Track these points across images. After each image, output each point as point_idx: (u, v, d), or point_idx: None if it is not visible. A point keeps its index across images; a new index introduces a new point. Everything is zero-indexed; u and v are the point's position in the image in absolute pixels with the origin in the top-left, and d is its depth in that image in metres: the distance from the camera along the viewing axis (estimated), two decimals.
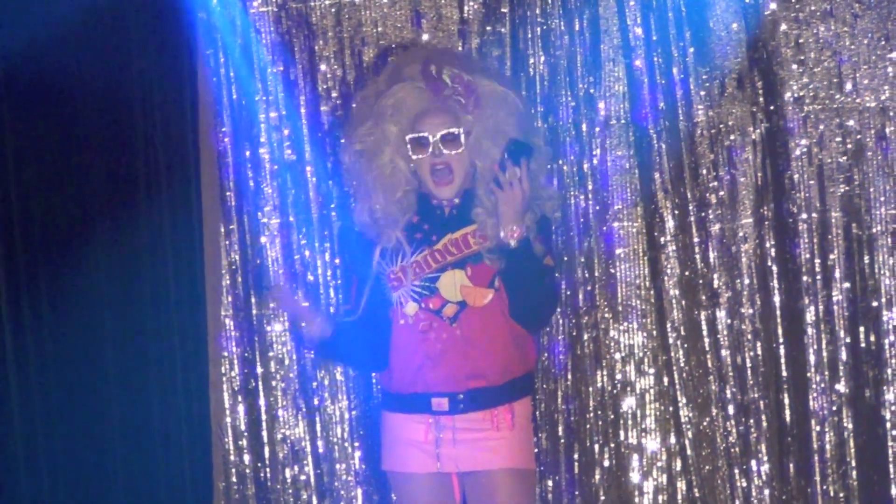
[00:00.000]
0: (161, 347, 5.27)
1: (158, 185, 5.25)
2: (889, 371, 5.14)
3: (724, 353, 5.18)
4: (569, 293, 5.20)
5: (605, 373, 5.23)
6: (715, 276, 5.19)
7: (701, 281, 5.18)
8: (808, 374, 5.16)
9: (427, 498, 3.97)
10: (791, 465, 5.17)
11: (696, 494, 5.18)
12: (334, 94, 5.22)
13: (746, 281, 5.18)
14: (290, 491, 5.30)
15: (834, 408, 5.16)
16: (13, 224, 5.20)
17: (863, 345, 5.15)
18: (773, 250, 5.17)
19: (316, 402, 5.28)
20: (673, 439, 5.22)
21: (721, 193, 5.18)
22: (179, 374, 5.27)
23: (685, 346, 5.18)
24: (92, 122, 5.22)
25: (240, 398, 5.28)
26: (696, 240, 5.17)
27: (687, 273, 5.18)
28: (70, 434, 5.26)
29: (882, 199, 5.14)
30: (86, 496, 5.26)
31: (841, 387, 5.16)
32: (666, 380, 5.21)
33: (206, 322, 5.27)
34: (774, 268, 5.17)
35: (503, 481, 3.91)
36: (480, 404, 3.90)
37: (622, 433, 5.24)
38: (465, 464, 3.91)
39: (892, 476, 5.15)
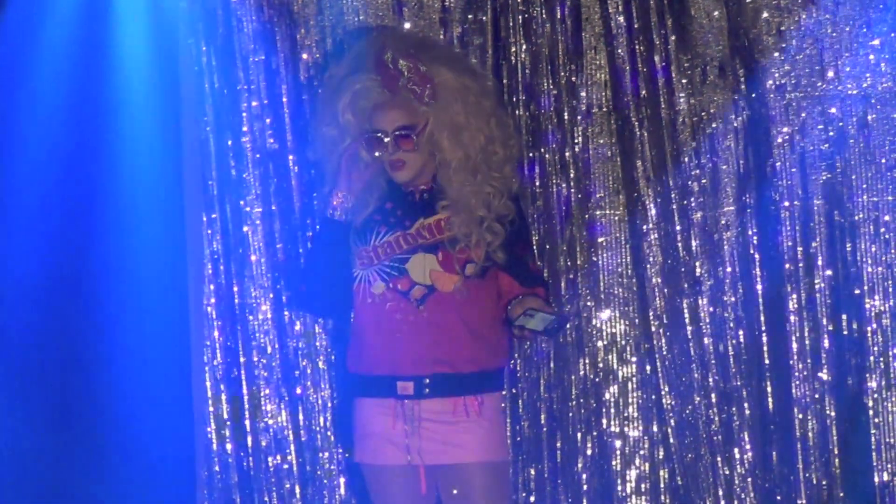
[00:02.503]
0: (143, 335, 5.27)
1: (140, 173, 5.25)
2: (871, 359, 5.14)
3: (706, 340, 5.18)
4: (551, 281, 5.20)
5: (587, 361, 5.23)
6: (697, 263, 5.19)
7: (683, 269, 5.18)
8: (791, 362, 5.16)
9: (398, 490, 3.97)
10: (774, 453, 5.17)
11: (679, 482, 5.18)
12: (316, 83, 5.21)
13: (729, 269, 5.18)
14: (273, 479, 5.29)
15: (816, 395, 5.16)
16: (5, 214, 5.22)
17: (845, 332, 5.15)
18: (755, 238, 5.17)
19: (299, 390, 5.28)
20: (656, 427, 5.22)
21: (703, 181, 5.18)
22: (161, 363, 5.28)
23: (668, 333, 5.18)
24: (73, 112, 5.22)
25: (222, 387, 5.28)
26: (678, 228, 5.17)
27: (669, 261, 5.18)
28: (52, 424, 5.26)
29: (864, 186, 5.14)
30: (68, 485, 5.27)
31: (823, 374, 5.16)
32: (648, 368, 5.21)
33: (188, 310, 5.27)
34: (757, 255, 5.17)
35: (477, 475, 3.91)
36: (446, 391, 3.90)
37: (605, 421, 5.24)
38: (432, 457, 3.91)
39: (874, 463, 5.14)
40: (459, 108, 3.89)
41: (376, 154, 3.89)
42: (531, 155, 5.20)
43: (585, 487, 5.23)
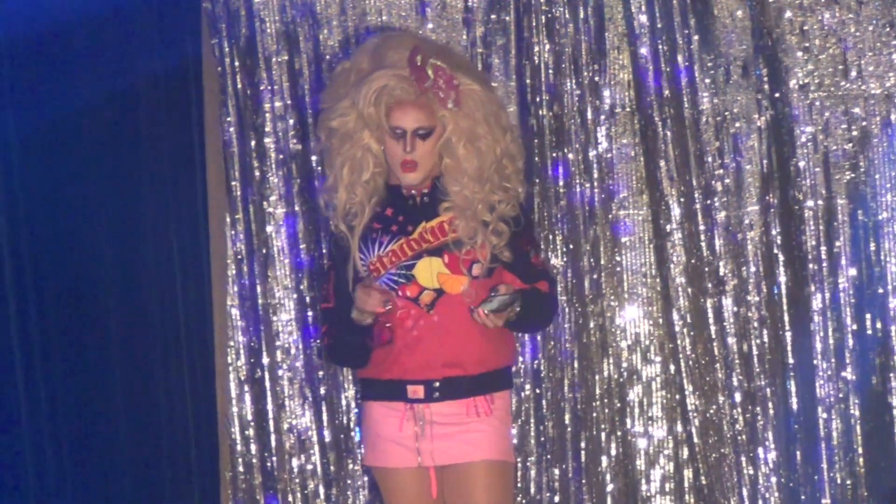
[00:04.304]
0: (167, 337, 5.27)
1: (163, 174, 5.26)
2: (895, 358, 5.14)
3: (730, 340, 5.17)
4: (574, 281, 5.20)
5: (611, 361, 5.23)
6: (721, 263, 5.18)
7: (707, 269, 5.17)
8: (815, 362, 5.15)
9: (410, 493, 3.98)
10: (798, 453, 5.16)
11: (703, 482, 5.17)
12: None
13: (752, 268, 5.18)
14: (297, 480, 5.30)
15: (841, 395, 5.15)
16: (17, 215, 5.21)
17: (869, 332, 5.14)
18: (778, 238, 5.16)
19: (322, 391, 5.28)
20: (680, 427, 5.22)
21: (727, 181, 5.18)
22: (186, 364, 5.28)
23: (691, 333, 5.18)
24: (96, 113, 5.23)
25: (246, 388, 5.28)
26: (701, 227, 5.17)
27: (693, 261, 5.18)
28: (76, 425, 5.26)
29: (888, 185, 5.14)
30: (92, 486, 5.27)
31: (847, 374, 5.15)
32: (672, 368, 5.21)
33: (212, 312, 5.28)
34: (780, 255, 5.17)
35: (481, 474, 3.90)
36: (456, 393, 3.90)
37: (629, 421, 5.24)
38: (442, 457, 3.91)
39: None
40: (480, 117, 3.88)
41: (393, 146, 3.88)
42: (554, 155, 5.20)
43: (610, 487, 5.23)
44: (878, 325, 5.13)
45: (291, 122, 5.25)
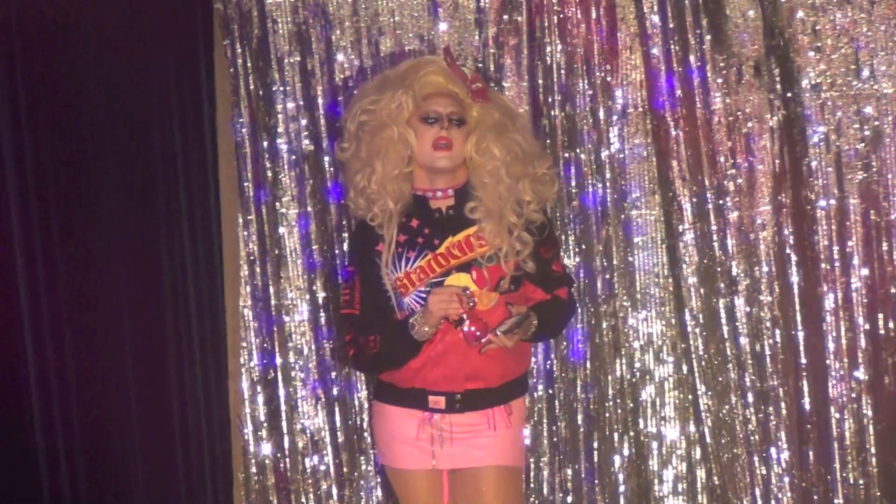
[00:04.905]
0: (180, 337, 5.28)
1: (176, 175, 5.26)
2: None
3: (742, 340, 5.17)
4: (587, 282, 5.20)
5: (623, 361, 5.23)
6: (733, 263, 5.18)
7: (719, 269, 5.17)
8: (828, 362, 5.16)
9: (424, 494, 4.01)
10: (811, 453, 5.16)
11: (716, 482, 5.18)
12: (351, 84, 5.21)
13: (765, 268, 5.18)
14: (310, 481, 5.30)
15: (853, 395, 5.15)
16: (31, 217, 5.21)
17: (882, 331, 5.14)
18: (791, 237, 5.16)
19: (335, 392, 5.28)
20: (692, 427, 5.22)
21: (739, 181, 5.17)
22: (199, 365, 5.29)
23: (704, 333, 5.18)
24: (109, 114, 5.23)
25: (259, 388, 5.29)
26: (714, 227, 5.17)
27: (705, 261, 5.17)
28: (90, 425, 5.27)
29: None
30: (106, 487, 5.27)
31: (860, 374, 5.15)
32: (685, 368, 5.21)
33: (224, 312, 5.28)
34: (793, 255, 5.17)
35: (491, 478, 3.95)
36: (477, 405, 3.95)
37: (641, 421, 5.24)
38: (456, 461, 3.95)
39: None
40: (508, 120, 4.00)
41: (427, 130, 3.91)
42: (566, 155, 5.20)
43: (622, 488, 5.23)
44: (891, 325, 5.13)
45: (304, 122, 5.25)
